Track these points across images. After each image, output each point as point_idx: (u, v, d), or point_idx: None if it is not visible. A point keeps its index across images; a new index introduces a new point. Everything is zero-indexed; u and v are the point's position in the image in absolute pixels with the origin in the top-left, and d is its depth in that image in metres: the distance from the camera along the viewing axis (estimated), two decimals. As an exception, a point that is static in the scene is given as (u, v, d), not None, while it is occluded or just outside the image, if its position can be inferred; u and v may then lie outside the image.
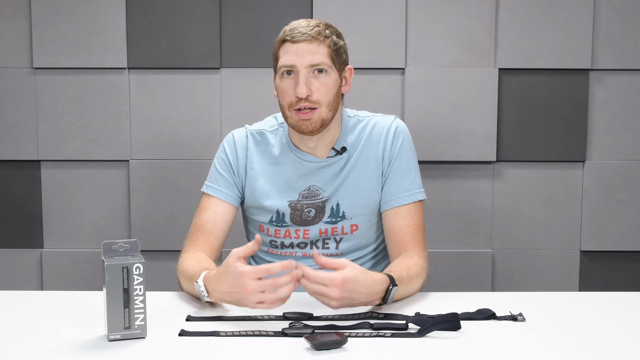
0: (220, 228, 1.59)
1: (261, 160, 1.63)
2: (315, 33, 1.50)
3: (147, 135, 2.27)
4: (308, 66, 1.49)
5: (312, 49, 1.50)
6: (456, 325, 1.23)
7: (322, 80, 1.51)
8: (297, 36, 1.50)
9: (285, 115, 1.55)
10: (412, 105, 2.24)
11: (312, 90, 1.50)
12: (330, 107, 1.53)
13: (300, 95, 1.48)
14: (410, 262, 1.49)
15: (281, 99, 1.55)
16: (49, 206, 2.29)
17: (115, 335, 1.18)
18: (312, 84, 1.50)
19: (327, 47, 1.51)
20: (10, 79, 2.25)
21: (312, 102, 1.50)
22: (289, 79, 1.52)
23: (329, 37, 1.52)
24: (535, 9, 2.21)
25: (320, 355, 1.12)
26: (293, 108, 1.51)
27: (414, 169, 1.63)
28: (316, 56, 1.50)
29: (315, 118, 1.51)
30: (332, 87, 1.53)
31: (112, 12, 2.22)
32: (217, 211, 1.60)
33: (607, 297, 1.47)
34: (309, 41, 1.49)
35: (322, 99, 1.51)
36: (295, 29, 1.51)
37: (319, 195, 1.61)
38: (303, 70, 1.49)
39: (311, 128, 1.52)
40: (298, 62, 1.49)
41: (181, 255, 1.56)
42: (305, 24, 1.52)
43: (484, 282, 2.30)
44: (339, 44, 1.55)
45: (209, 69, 2.25)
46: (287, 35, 1.51)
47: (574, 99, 2.24)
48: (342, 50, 1.56)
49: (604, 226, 2.29)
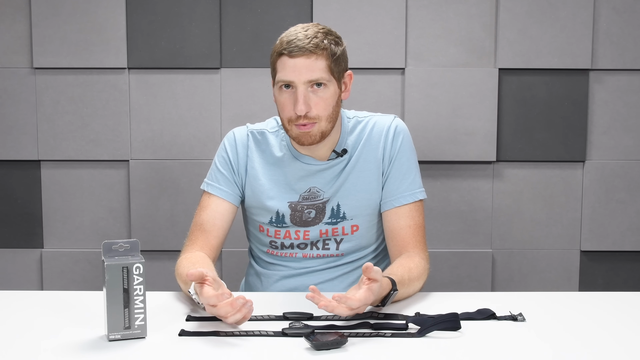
0: (219, 227, 1.59)
1: (261, 159, 1.63)
2: (312, 47, 1.46)
3: (147, 135, 2.27)
4: (306, 82, 1.47)
5: (310, 64, 1.46)
6: (456, 325, 1.23)
7: (321, 95, 1.49)
8: (295, 50, 1.46)
9: (285, 127, 1.54)
10: (412, 105, 2.24)
11: (311, 106, 1.48)
12: (329, 120, 1.52)
13: (299, 113, 1.47)
14: (412, 264, 1.49)
15: (280, 112, 1.53)
16: (49, 206, 2.29)
17: (115, 335, 1.18)
18: (310, 99, 1.48)
19: (326, 59, 1.48)
20: (10, 79, 2.25)
21: (311, 119, 1.49)
22: (287, 93, 1.50)
23: (327, 48, 1.48)
24: (535, 9, 2.21)
25: (320, 355, 1.12)
26: (292, 123, 1.51)
27: (414, 168, 1.62)
28: (314, 73, 1.47)
29: (315, 131, 1.51)
30: (331, 99, 1.51)
31: (112, 12, 2.22)
32: (217, 210, 1.59)
33: (607, 297, 1.47)
34: (307, 56, 1.46)
35: (322, 114, 1.50)
36: (292, 42, 1.47)
37: (319, 197, 1.60)
38: (301, 87, 1.47)
39: (311, 141, 1.52)
40: (296, 79, 1.47)
41: (180, 254, 1.56)
42: (302, 36, 1.47)
43: (484, 282, 2.29)
44: (338, 52, 1.51)
45: (209, 69, 2.25)
46: (284, 49, 1.47)
47: (574, 99, 2.24)
48: (342, 59, 1.53)
49: (604, 226, 2.29)
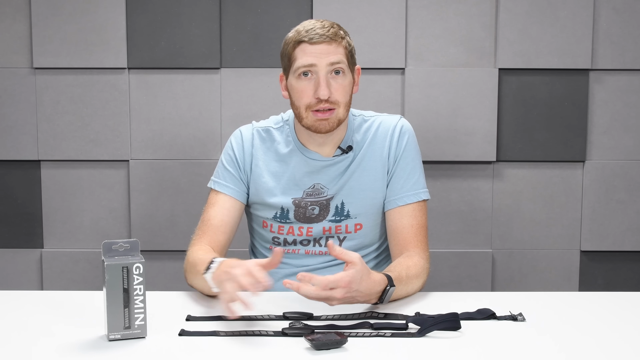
0: (227, 223, 1.60)
1: (266, 157, 1.64)
2: (332, 34, 1.51)
3: (147, 135, 2.27)
4: (328, 65, 1.50)
5: (331, 49, 1.51)
6: (456, 325, 1.23)
7: (340, 81, 1.52)
8: (315, 38, 1.50)
9: (300, 116, 1.55)
10: (412, 105, 2.24)
11: (332, 91, 1.51)
12: (346, 107, 1.55)
13: (322, 97, 1.49)
14: (410, 263, 1.49)
15: (297, 100, 1.54)
16: (49, 206, 2.29)
17: (115, 335, 1.18)
18: (331, 85, 1.51)
19: (344, 48, 1.53)
20: (10, 79, 2.25)
21: (331, 103, 1.51)
22: (306, 80, 1.52)
23: (344, 37, 1.54)
24: (535, 9, 2.21)
25: (320, 355, 1.12)
26: (311, 109, 1.52)
27: (419, 168, 1.63)
28: (336, 56, 1.51)
29: (333, 118, 1.53)
30: (348, 87, 1.55)
31: (112, 12, 2.22)
32: (224, 207, 1.61)
33: (607, 297, 1.47)
34: (328, 42, 1.50)
35: (341, 100, 1.53)
36: (312, 30, 1.51)
37: (323, 193, 1.61)
38: (323, 71, 1.50)
39: (329, 128, 1.54)
40: (319, 62, 1.50)
41: (189, 248, 1.57)
42: (320, 25, 1.52)
43: (484, 282, 2.29)
44: (352, 44, 1.57)
45: (209, 69, 2.25)
46: (303, 37, 1.51)
47: (574, 99, 2.24)
48: (354, 51, 1.59)
49: (604, 226, 2.29)
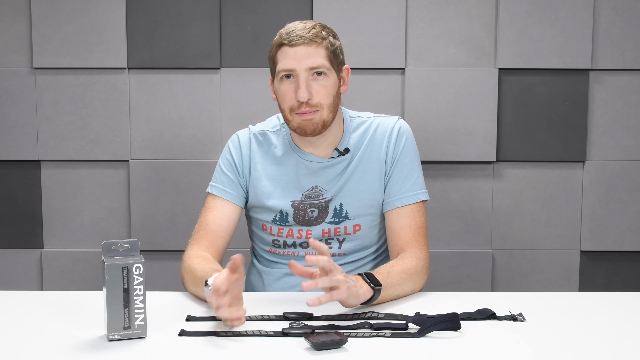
0: (225, 228, 1.60)
1: (264, 160, 1.63)
2: (312, 35, 1.50)
3: (147, 135, 2.27)
4: (307, 69, 1.49)
5: (311, 52, 1.49)
6: (456, 325, 1.23)
7: (322, 83, 1.51)
8: (295, 39, 1.49)
9: (286, 119, 1.55)
10: (412, 105, 2.24)
11: (312, 94, 1.50)
12: (331, 109, 1.53)
13: (301, 99, 1.48)
14: (401, 262, 1.49)
15: (281, 103, 1.55)
16: (49, 206, 2.29)
17: (115, 335, 1.18)
18: (312, 87, 1.50)
19: (325, 48, 1.51)
20: (10, 79, 2.25)
21: (313, 106, 1.50)
22: (288, 83, 1.52)
23: (326, 38, 1.52)
24: (535, 9, 2.21)
25: (320, 355, 1.13)
26: (294, 112, 1.52)
27: (417, 169, 1.63)
28: (315, 59, 1.50)
29: (317, 119, 1.52)
30: (331, 88, 1.53)
31: (112, 12, 2.22)
32: (223, 211, 1.60)
33: (607, 297, 1.47)
34: (307, 44, 1.49)
35: (323, 102, 1.51)
36: (292, 32, 1.50)
37: (322, 196, 1.61)
38: (303, 74, 1.49)
39: (313, 128, 1.52)
40: (297, 66, 1.49)
41: (186, 251, 1.56)
42: (301, 27, 1.51)
43: (484, 282, 2.29)
44: (336, 44, 1.55)
45: (209, 69, 2.25)
46: (284, 39, 1.51)
47: (574, 99, 2.24)
48: (339, 51, 1.56)
49: (604, 226, 2.29)
